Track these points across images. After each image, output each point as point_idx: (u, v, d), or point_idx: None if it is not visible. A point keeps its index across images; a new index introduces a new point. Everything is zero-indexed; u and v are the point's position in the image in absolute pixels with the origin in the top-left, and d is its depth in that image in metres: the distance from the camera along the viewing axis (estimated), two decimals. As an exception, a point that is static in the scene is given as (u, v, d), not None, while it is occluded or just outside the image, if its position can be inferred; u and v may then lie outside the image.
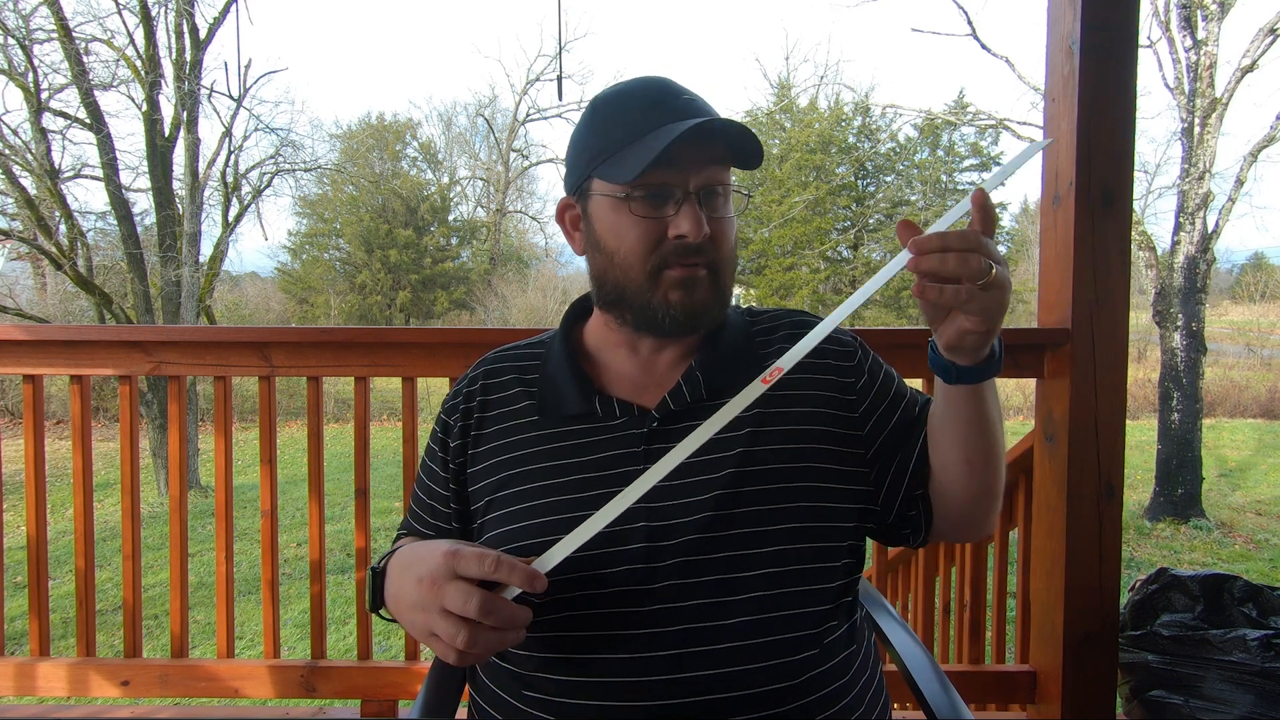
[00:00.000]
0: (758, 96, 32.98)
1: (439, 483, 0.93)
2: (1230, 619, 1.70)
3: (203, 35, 10.33)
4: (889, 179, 20.91)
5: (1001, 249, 0.76)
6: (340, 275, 23.47)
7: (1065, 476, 1.58)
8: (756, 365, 0.87)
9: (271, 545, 1.74)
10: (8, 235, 9.90)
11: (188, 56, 10.17)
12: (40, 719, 1.98)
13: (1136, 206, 8.39)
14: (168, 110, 10.07)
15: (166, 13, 10.10)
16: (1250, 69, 7.53)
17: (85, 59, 9.69)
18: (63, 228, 9.84)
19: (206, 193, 11.08)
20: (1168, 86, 7.92)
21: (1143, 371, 13.68)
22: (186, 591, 1.75)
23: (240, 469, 8.68)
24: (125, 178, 10.48)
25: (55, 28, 9.37)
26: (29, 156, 9.68)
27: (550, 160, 24.85)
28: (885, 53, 44.22)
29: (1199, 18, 7.46)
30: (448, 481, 0.92)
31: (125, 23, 10.01)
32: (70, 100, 10.21)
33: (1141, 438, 9.97)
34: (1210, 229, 7.68)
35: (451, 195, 25.46)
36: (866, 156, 20.69)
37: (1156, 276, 7.84)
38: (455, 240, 24.78)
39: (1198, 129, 7.55)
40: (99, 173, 9.90)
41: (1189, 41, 7.58)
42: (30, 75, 9.62)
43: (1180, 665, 1.64)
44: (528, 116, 24.76)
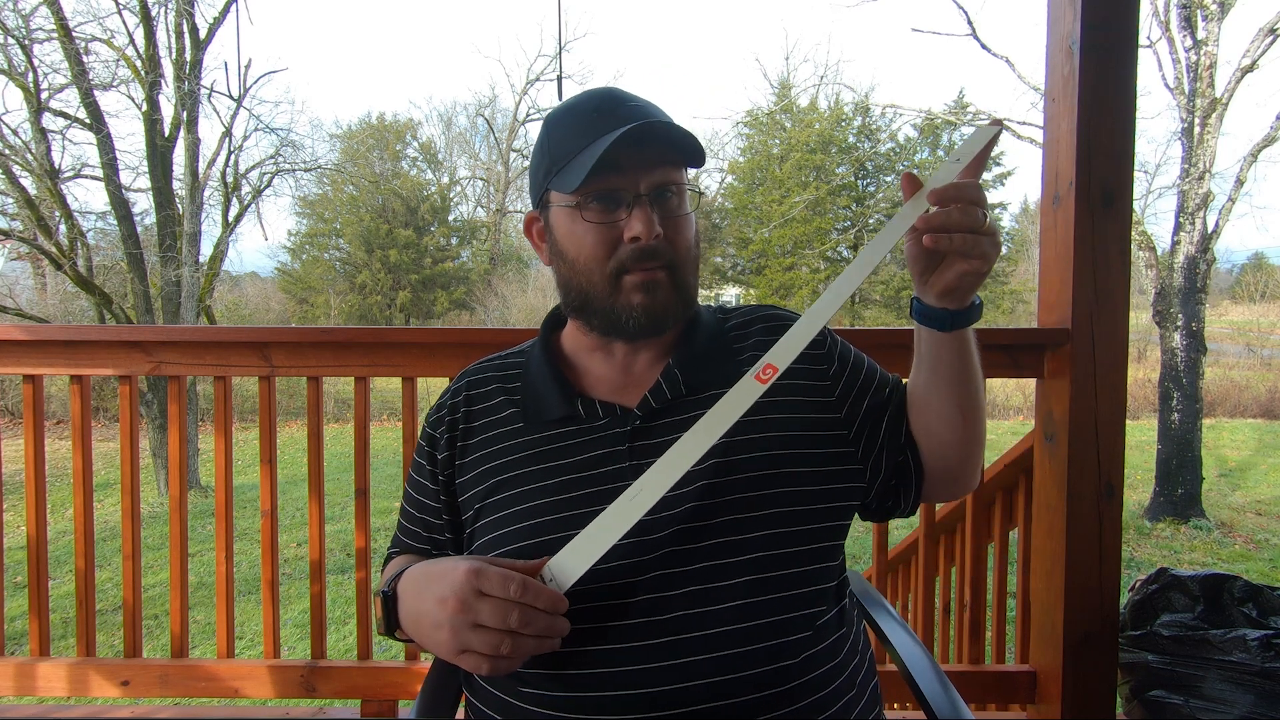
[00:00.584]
0: (758, 96, 32.96)
1: (429, 495, 0.95)
2: (1230, 619, 1.70)
3: (203, 35, 10.33)
4: (889, 179, 20.90)
5: (1002, 249, 0.85)
6: (340, 275, 23.48)
7: (1065, 476, 1.58)
8: (732, 361, 0.90)
9: (271, 545, 1.74)
10: (8, 235, 9.90)
11: (188, 56, 10.17)
12: (40, 719, 1.98)
13: (1136, 206, 8.39)
14: (168, 110, 10.08)
15: (166, 13, 10.10)
16: (1250, 69, 7.53)
17: (85, 59, 9.69)
18: (63, 228, 9.83)
19: (206, 193, 11.07)
20: (1168, 86, 7.92)
21: (1143, 371, 13.68)
22: (186, 591, 1.75)
23: (240, 469, 8.68)
24: (125, 178, 10.49)
25: (55, 28, 9.36)
26: (29, 156, 9.68)
27: (550, 160, 24.79)
28: (885, 53, 44.30)
29: (1199, 18, 7.46)
30: (437, 494, 0.93)
31: (125, 23, 10.02)
32: (70, 100, 10.22)
33: (1141, 438, 9.97)
34: (1210, 229, 7.68)
35: (451, 195, 25.48)
36: (866, 156, 20.69)
37: (1156, 276, 7.84)
38: (455, 240, 24.79)
39: (1198, 129, 7.55)
40: (99, 173, 9.89)
41: (1189, 41, 7.58)
42: (30, 75, 9.61)
43: (1180, 665, 1.64)
44: (528, 116, 24.77)
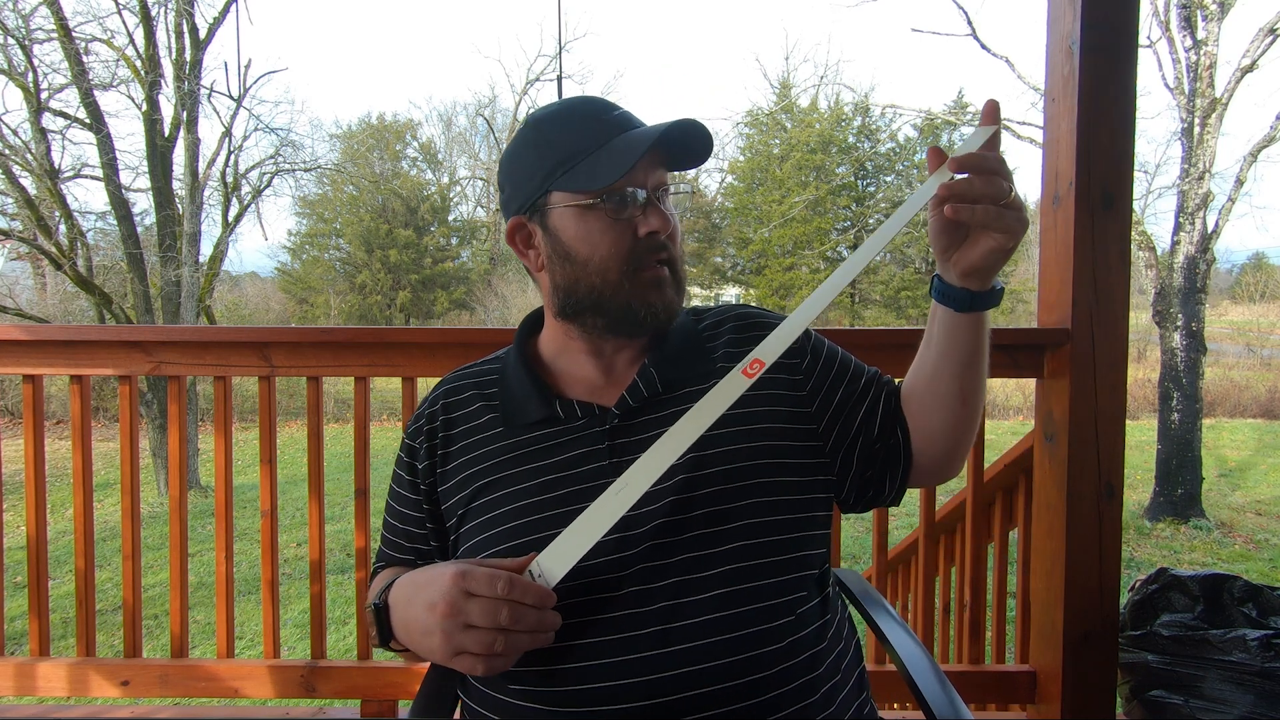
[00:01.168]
0: (758, 96, 32.96)
1: (411, 506, 0.95)
2: (1230, 619, 1.70)
3: (203, 35, 10.32)
4: (889, 179, 20.91)
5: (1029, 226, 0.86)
6: (340, 275, 23.48)
7: (1065, 476, 1.58)
8: (706, 359, 0.93)
9: (271, 545, 1.74)
10: (8, 235, 9.89)
11: (188, 56, 10.17)
12: (40, 719, 1.98)
13: (1136, 206, 8.40)
14: (168, 110, 10.07)
15: (166, 13, 10.10)
16: (1250, 69, 7.53)
17: (85, 59, 9.69)
18: (63, 228, 9.83)
19: (206, 193, 11.06)
20: (1168, 86, 7.92)
21: (1143, 371, 13.68)
22: (186, 591, 1.75)
23: (240, 469, 8.68)
24: (125, 178, 10.49)
25: (55, 28, 9.36)
26: (29, 156, 9.67)
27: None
28: (885, 53, 44.28)
29: (1199, 18, 7.46)
30: (420, 503, 0.94)
31: (125, 23, 10.01)
32: (70, 100, 10.21)
33: (1141, 438, 9.97)
34: (1210, 229, 7.68)
35: (451, 195, 25.48)
36: (866, 156, 20.70)
37: (1156, 276, 7.84)
38: (455, 240, 24.79)
39: (1198, 129, 7.55)
40: (99, 173, 9.89)
41: (1189, 41, 7.58)
42: (30, 75, 9.60)
43: (1180, 665, 1.64)
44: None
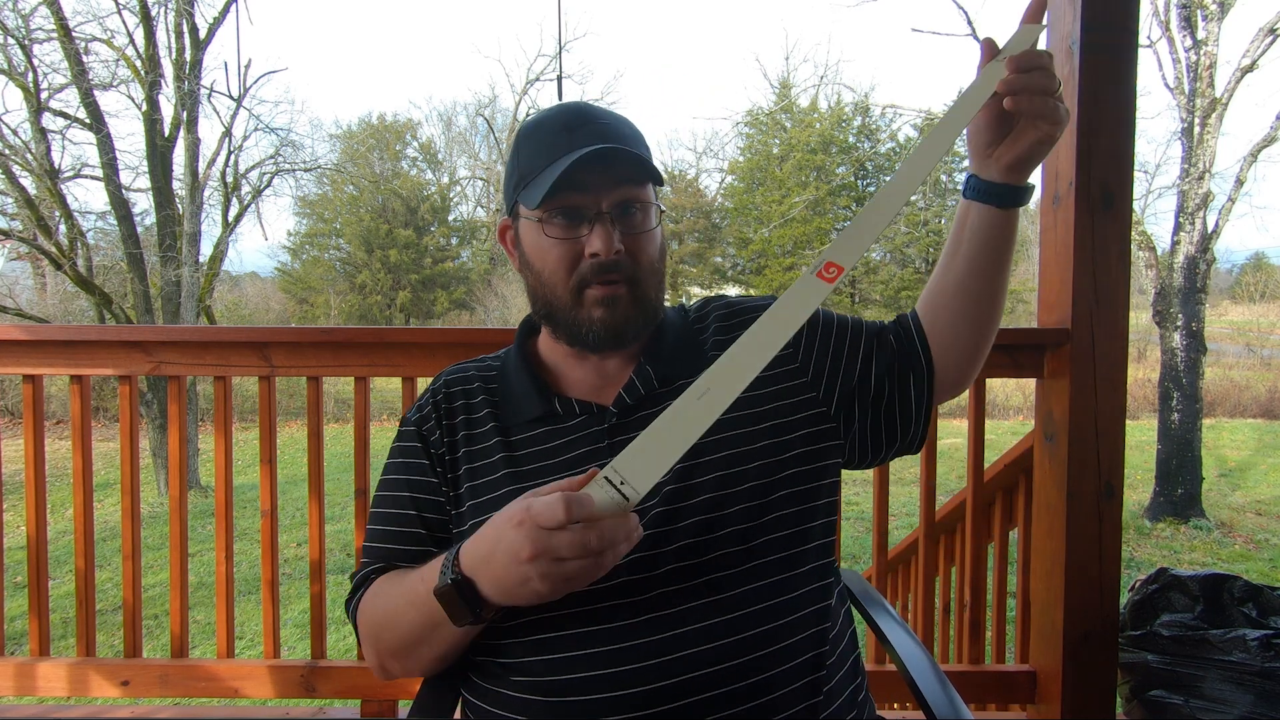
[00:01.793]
0: (758, 96, 32.95)
1: (429, 490, 0.90)
2: (1230, 619, 1.70)
3: (203, 35, 10.33)
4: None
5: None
6: (340, 275, 23.47)
7: (1065, 476, 1.58)
8: (698, 352, 0.93)
9: (271, 545, 1.74)
10: (8, 235, 9.89)
11: (188, 56, 10.17)
12: (40, 719, 1.98)
13: (1136, 206, 8.39)
14: (168, 110, 10.08)
15: (166, 13, 10.10)
16: (1250, 69, 7.53)
17: (85, 59, 9.69)
18: (63, 228, 9.83)
19: (206, 193, 11.07)
20: (1168, 86, 7.92)
21: (1143, 371, 13.67)
22: (186, 591, 1.75)
23: (240, 469, 8.68)
24: (125, 178, 10.50)
25: (55, 28, 9.36)
26: (29, 156, 9.67)
27: (550, 160, 24.82)
28: (885, 53, 44.25)
29: (1199, 18, 7.46)
30: (438, 486, 0.90)
31: (125, 23, 10.01)
32: (70, 100, 10.22)
33: (1141, 438, 9.97)
34: (1210, 229, 7.68)
35: (451, 195, 25.47)
36: (866, 156, 20.70)
37: (1156, 276, 7.84)
38: (455, 240, 24.78)
39: (1198, 129, 7.55)
40: (99, 173, 9.89)
41: (1189, 41, 7.58)
42: (30, 75, 9.61)
43: (1180, 665, 1.64)
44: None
